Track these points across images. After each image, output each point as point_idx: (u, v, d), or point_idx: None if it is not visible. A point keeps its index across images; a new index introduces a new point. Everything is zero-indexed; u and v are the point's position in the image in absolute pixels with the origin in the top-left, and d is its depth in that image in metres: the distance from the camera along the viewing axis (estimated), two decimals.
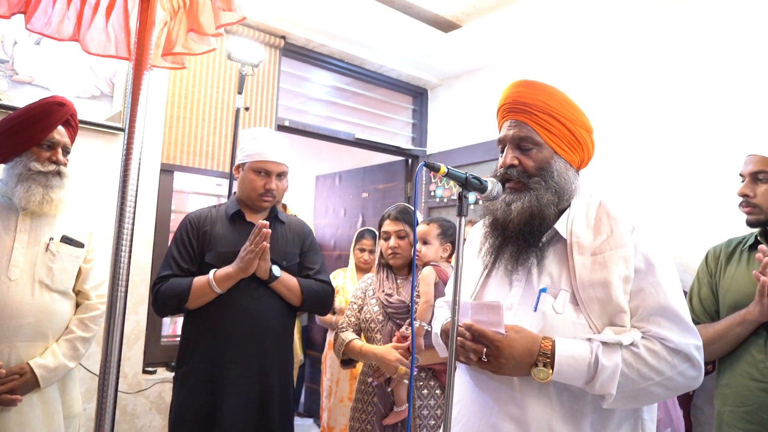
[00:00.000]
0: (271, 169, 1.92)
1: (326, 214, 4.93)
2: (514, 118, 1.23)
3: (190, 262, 1.88)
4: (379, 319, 1.97)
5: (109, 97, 2.57)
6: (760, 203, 1.57)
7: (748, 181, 1.61)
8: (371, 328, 1.98)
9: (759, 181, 1.58)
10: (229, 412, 1.76)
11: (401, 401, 1.86)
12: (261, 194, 1.92)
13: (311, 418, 4.62)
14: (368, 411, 1.94)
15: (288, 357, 1.96)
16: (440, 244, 2.01)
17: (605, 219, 1.17)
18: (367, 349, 1.92)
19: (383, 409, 1.89)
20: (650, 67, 2.79)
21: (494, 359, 1.08)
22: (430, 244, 1.99)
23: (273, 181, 1.92)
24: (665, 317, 1.07)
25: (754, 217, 1.60)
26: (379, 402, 1.90)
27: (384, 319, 1.96)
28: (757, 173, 1.58)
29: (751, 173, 1.60)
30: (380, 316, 1.97)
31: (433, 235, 2.00)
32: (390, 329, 1.94)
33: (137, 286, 2.61)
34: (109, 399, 1.01)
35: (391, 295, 1.97)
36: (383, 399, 1.90)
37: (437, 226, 2.02)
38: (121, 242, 1.04)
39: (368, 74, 3.79)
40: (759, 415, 1.45)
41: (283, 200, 2.89)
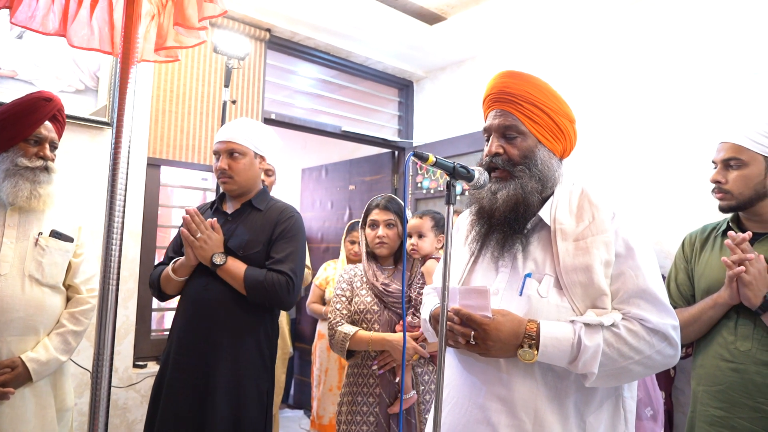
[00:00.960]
0: (218, 149, 1.92)
1: (313, 207, 4.94)
2: (499, 108, 1.26)
3: (176, 252, 1.98)
4: (374, 309, 1.93)
5: (94, 91, 2.55)
6: (731, 189, 1.61)
7: (720, 167, 1.65)
8: (367, 319, 1.93)
9: (730, 167, 1.62)
10: (165, 401, 1.77)
11: (408, 388, 1.87)
12: (218, 177, 1.94)
13: (301, 409, 4.66)
14: (369, 402, 1.89)
15: (246, 348, 1.83)
16: (435, 236, 2.05)
17: (587, 206, 1.21)
18: (378, 337, 1.86)
19: (388, 399, 1.88)
20: (629, 58, 2.85)
21: (482, 342, 1.12)
22: (425, 236, 2.02)
23: (224, 161, 1.90)
24: (644, 299, 1.11)
25: (725, 203, 1.64)
26: (383, 392, 1.88)
27: (380, 309, 1.93)
28: (729, 160, 1.62)
29: (722, 160, 1.64)
30: (375, 306, 1.94)
31: (428, 228, 2.03)
32: (388, 318, 1.92)
33: (126, 281, 2.61)
34: (103, 392, 1.03)
35: (388, 284, 1.94)
36: (387, 388, 1.88)
37: (430, 219, 2.06)
38: (111, 236, 1.06)
39: (354, 67, 3.80)
40: (729, 394, 1.51)
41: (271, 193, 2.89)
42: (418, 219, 2.05)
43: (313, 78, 3.81)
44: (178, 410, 1.75)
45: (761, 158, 1.57)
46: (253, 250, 1.86)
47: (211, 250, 1.81)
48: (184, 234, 1.80)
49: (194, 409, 1.75)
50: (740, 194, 1.60)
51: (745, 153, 1.59)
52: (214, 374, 1.76)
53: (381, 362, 1.89)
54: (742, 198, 1.60)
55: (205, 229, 1.82)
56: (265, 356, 1.89)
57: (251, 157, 1.94)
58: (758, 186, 1.58)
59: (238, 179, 1.91)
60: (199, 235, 1.81)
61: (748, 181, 1.58)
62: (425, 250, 2.01)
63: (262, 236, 1.89)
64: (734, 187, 1.61)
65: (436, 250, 2.04)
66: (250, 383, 1.82)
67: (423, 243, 2.01)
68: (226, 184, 1.92)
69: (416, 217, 2.07)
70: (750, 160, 1.58)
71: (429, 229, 2.03)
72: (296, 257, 1.88)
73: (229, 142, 1.90)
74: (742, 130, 1.61)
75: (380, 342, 1.86)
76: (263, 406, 1.87)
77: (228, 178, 1.90)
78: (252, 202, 1.96)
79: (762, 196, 1.58)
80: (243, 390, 1.80)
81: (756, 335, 1.49)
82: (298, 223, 1.95)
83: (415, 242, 2.00)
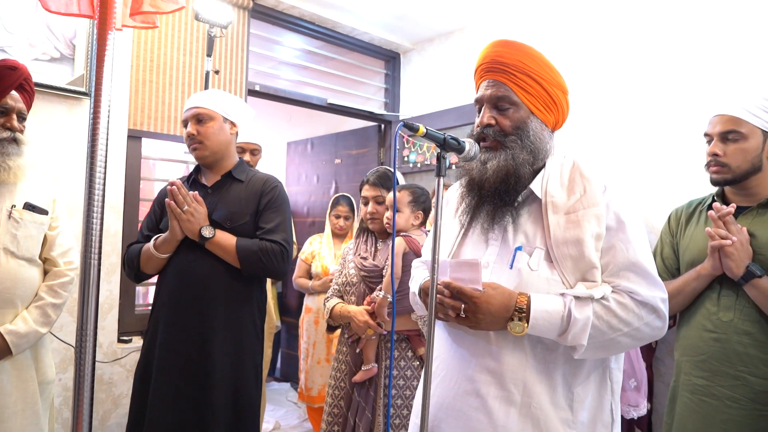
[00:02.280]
0: (186, 117, 1.89)
1: (299, 181, 4.89)
2: (491, 78, 1.23)
3: (152, 229, 1.93)
4: (353, 282, 2.03)
5: (70, 59, 2.46)
6: (729, 162, 1.58)
7: (716, 140, 1.62)
8: (347, 291, 2.05)
9: (729, 140, 1.59)
10: (158, 378, 1.74)
11: (368, 360, 1.92)
12: (189, 146, 1.89)
13: (288, 382, 4.70)
14: (342, 369, 2.01)
15: (241, 321, 1.83)
16: (411, 211, 1.99)
17: (579, 179, 1.20)
18: (341, 309, 1.99)
19: (354, 368, 1.94)
20: (619, 33, 2.82)
21: (472, 315, 1.11)
22: (401, 211, 1.97)
23: (192, 126, 1.85)
24: (634, 272, 1.12)
25: (720, 176, 1.61)
26: (350, 360, 1.97)
27: (358, 281, 2.01)
28: (727, 133, 1.59)
29: (720, 133, 1.61)
30: (355, 278, 2.03)
31: (404, 203, 1.98)
32: (362, 291, 1.99)
33: (108, 255, 2.56)
34: (87, 367, 1.01)
35: (366, 258, 2.01)
36: (354, 358, 1.97)
37: (408, 193, 2.00)
38: (92, 210, 1.02)
39: (340, 38, 3.72)
40: (711, 363, 1.55)
41: (257, 167, 2.84)
42: (397, 193, 2.00)
43: (298, 49, 3.73)
44: (173, 388, 1.73)
45: (759, 132, 1.56)
46: (240, 221, 1.85)
47: (198, 224, 1.77)
48: (171, 207, 1.75)
49: (192, 385, 1.73)
50: (737, 168, 1.58)
51: (745, 126, 1.56)
52: (211, 350, 1.75)
53: (349, 332, 1.98)
54: (739, 171, 1.58)
55: (191, 201, 1.78)
56: (257, 328, 1.90)
57: (220, 122, 1.89)
58: (755, 160, 1.57)
59: (208, 144, 1.86)
60: (186, 207, 1.76)
61: (746, 154, 1.56)
62: (399, 225, 1.96)
63: (248, 207, 1.87)
64: (732, 161, 1.58)
65: (412, 227, 2.01)
66: (247, 357, 1.83)
67: (398, 218, 1.96)
68: (197, 150, 1.87)
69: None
70: (749, 133, 1.56)
71: (405, 204, 1.98)
72: (286, 226, 1.89)
73: (196, 108, 1.87)
74: (740, 103, 1.58)
75: (344, 313, 1.97)
76: (259, 379, 1.90)
77: (198, 143, 1.86)
78: (232, 174, 1.93)
79: (757, 170, 1.58)
80: (241, 363, 1.81)
81: (738, 306, 1.52)
82: (283, 193, 1.96)
83: (390, 216, 1.97)
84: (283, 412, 4.01)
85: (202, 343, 1.75)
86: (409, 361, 1.91)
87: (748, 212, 1.59)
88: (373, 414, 1.86)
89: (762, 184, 1.59)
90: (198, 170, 2.00)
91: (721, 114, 1.62)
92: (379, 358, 1.93)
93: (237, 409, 1.78)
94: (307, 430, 3.64)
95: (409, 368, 1.90)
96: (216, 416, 1.72)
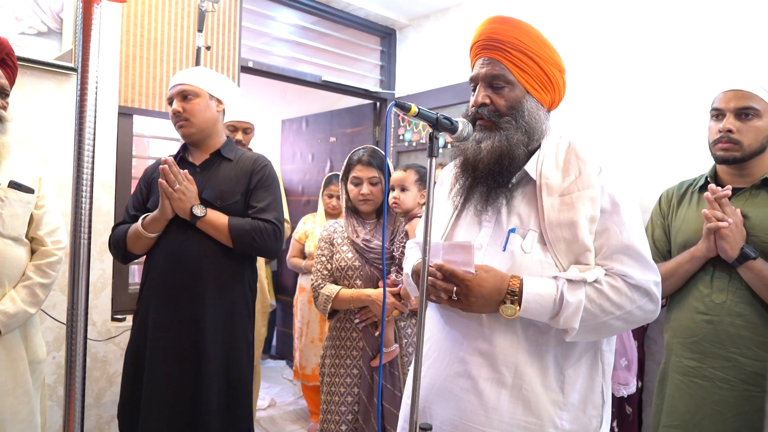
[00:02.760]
0: (171, 94, 1.86)
1: (293, 159, 4.85)
2: (487, 56, 1.20)
3: (138, 209, 1.90)
4: (356, 265, 1.93)
5: (58, 34, 2.40)
6: (742, 140, 1.53)
7: (730, 116, 1.55)
8: (348, 275, 1.93)
9: (745, 117, 1.53)
10: (152, 359, 1.74)
11: (390, 342, 1.89)
12: (175, 123, 1.86)
13: (283, 360, 4.73)
14: (353, 356, 1.91)
15: (233, 300, 1.83)
16: (418, 190, 1.99)
17: (574, 160, 1.18)
18: (359, 294, 1.87)
19: (371, 352, 1.89)
20: (616, 13, 2.77)
21: (464, 298, 1.11)
22: (408, 190, 1.97)
23: (177, 104, 1.83)
24: (628, 255, 1.11)
25: (730, 153, 1.55)
26: (366, 345, 1.90)
27: (361, 264, 1.93)
28: (744, 109, 1.52)
29: (736, 109, 1.54)
30: (356, 262, 1.93)
31: (411, 182, 1.98)
32: (369, 273, 1.92)
33: (101, 234, 2.54)
34: (79, 348, 1.00)
35: (369, 240, 1.93)
36: (370, 341, 1.90)
37: (414, 172, 2.00)
38: (80, 188, 1.00)
39: (335, 13, 3.65)
40: (702, 345, 1.55)
41: (249, 145, 2.81)
42: (402, 172, 2.01)
43: (292, 25, 3.65)
44: (168, 369, 1.73)
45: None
46: (231, 200, 1.84)
47: (189, 202, 1.75)
48: (163, 185, 1.73)
49: (186, 365, 1.74)
50: (749, 146, 1.53)
51: (760, 103, 1.52)
52: (203, 329, 1.75)
53: (362, 317, 1.90)
54: (749, 150, 1.54)
55: (182, 180, 1.75)
56: (249, 306, 1.91)
57: (206, 99, 1.86)
58: (764, 140, 1.54)
59: (194, 121, 1.84)
60: (177, 186, 1.74)
61: (758, 133, 1.53)
62: (407, 204, 1.97)
63: (239, 186, 1.86)
64: (746, 138, 1.53)
65: (419, 206, 2.00)
66: (239, 335, 1.84)
67: (405, 197, 1.97)
68: (183, 127, 1.85)
69: (400, 170, 2.02)
70: (764, 110, 1.52)
71: (413, 183, 1.99)
72: (278, 205, 1.89)
73: (181, 84, 1.84)
74: (757, 80, 1.53)
75: (360, 299, 1.87)
76: (251, 357, 1.90)
77: (184, 120, 1.83)
78: (221, 152, 1.91)
79: (761, 151, 1.55)
80: (233, 343, 1.82)
81: (731, 287, 1.52)
82: (273, 172, 1.95)
83: (397, 195, 1.97)
84: (279, 389, 4.05)
85: (194, 322, 1.75)
86: (415, 329, 1.92)
87: (741, 193, 1.57)
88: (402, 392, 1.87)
89: (759, 165, 1.57)
90: (185, 148, 1.96)
91: (736, 89, 1.55)
92: (397, 338, 1.92)
93: (230, 386, 1.80)
94: (302, 407, 3.68)
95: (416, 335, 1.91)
96: (209, 394, 1.73)
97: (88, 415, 2.53)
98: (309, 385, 3.17)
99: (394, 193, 1.97)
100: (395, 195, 1.96)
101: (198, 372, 1.74)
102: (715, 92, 1.65)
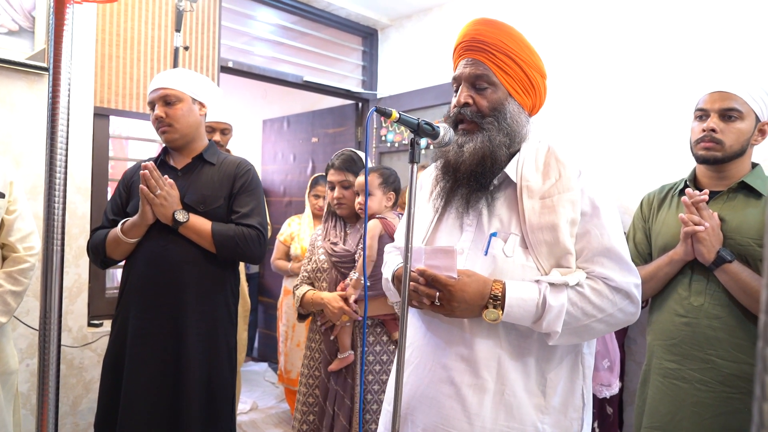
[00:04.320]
0: (152, 98, 1.82)
1: (275, 159, 4.81)
2: (471, 57, 1.20)
3: (117, 213, 1.86)
4: (324, 268, 1.97)
5: (30, 32, 2.34)
6: (724, 140, 1.55)
7: (714, 117, 1.57)
8: (318, 277, 1.99)
9: (728, 118, 1.55)
10: (131, 366, 1.70)
11: (344, 348, 1.88)
12: (157, 128, 1.83)
13: (266, 362, 4.69)
14: (316, 358, 1.95)
15: (215, 306, 1.81)
16: (383, 193, 1.97)
17: (554, 163, 1.18)
18: (317, 296, 1.91)
19: (329, 356, 1.90)
20: (597, 16, 2.79)
21: (447, 303, 1.10)
22: (373, 194, 1.96)
23: (160, 109, 1.79)
24: (608, 258, 1.11)
25: (711, 153, 1.57)
26: (325, 349, 1.91)
27: (329, 267, 1.96)
28: (729, 110, 1.54)
29: (720, 109, 1.56)
30: (325, 264, 1.97)
31: (375, 185, 1.96)
32: (334, 277, 1.94)
33: (76, 238, 2.48)
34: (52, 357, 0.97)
35: (336, 244, 1.96)
36: (328, 346, 1.91)
37: (378, 175, 1.98)
38: (53, 192, 0.96)
39: (316, 13, 3.62)
40: (682, 347, 1.57)
41: (228, 146, 2.77)
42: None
43: (272, 24, 3.61)
44: (148, 376, 1.70)
45: (754, 116, 1.55)
46: (214, 205, 1.81)
47: (171, 208, 1.72)
48: (144, 191, 1.69)
49: (166, 372, 1.71)
50: (730, 147, 1.55)
51: (744, 106, 1.55)
52: (185, 336, 1.72)
53: (323, 319, 1.92)
54: (730, 151, 1.56)
55: (163, 185, 1.72)
56: (231, 312, 1.88)
57: (189, 103, 1.83)
58: (745, 143, 1.55)
59: (178, 126, 1.81)
60: (159, 191, 1.70)
61: (740, 135, 1.55)
62: (371, 208, 1.95)
63: (222, 191, 1.83)
64: (728, 139, 1.55)
65: (385, 209, 1.99)
66: (221, 341, 1.81)
67: (371, 201, 1.95)
68: (167, 133, 1.81)
69: (362, 173, 2.00)
70: (747, 114, 1.54)
71: (376, 186, 1.96)
72: (261, 210, 1.87)
73: (163, 89, 1.80)
74: (742, 83, 1.56)
75: (316, 301, 1.90)
76: (233, 363, 1.87)
77: (167, 126, 1.80)
78: (203, 156, 1.88)
79: (741, 154, 1.57)
80: (215, 349, 1.79)
81: (708, 290, 1.54)
82: (256, 176, 1.93)
83: (362, 200, 1.95)
84: (260, 392, 4.00)
85: (175, 329, 1.72)
86: (385, 346, 1.90)
87: (719, 197, 1.59)
88: (352, 401, 1.84)
89: (737, 169, 1.59)
90: (166, 152, 1.93)
91: (722, 90, 1.57)
92: (354, 345, 1.91)
93: (211, 394, 1.77)
94: (284, 410, 3.65)
95: (385, 353, 1.89)
96: (190, 401, 1.70)
97: (63, 423, 2.47)
98: (293, 390, 3.14)
99: (359, 198, 1.95)
100: (360, 200, 1.94)
101: (179, 379, 1.70)
102: (698, 95, 1.67)
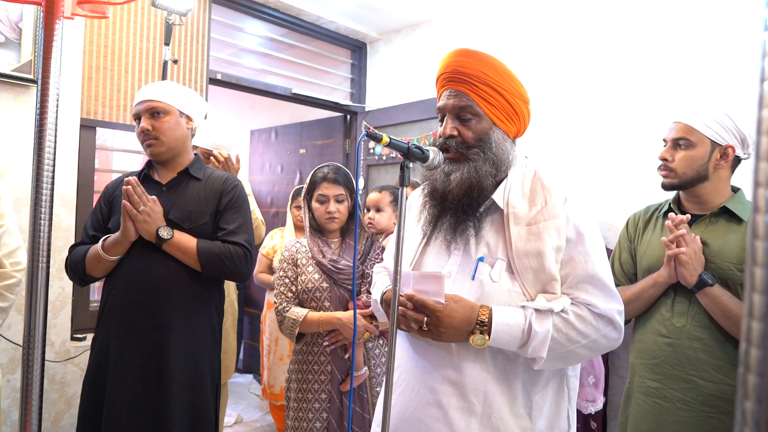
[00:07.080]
0: (138, 110, 1.77)
1: (262, 170, 4.80)
2: (453, 88, 1.22)
3: (98, 229, 1.80)
4: (323, 287, 1.87)
5: (16, 44, 2.32)
6: (675, 168, 1.64)
7: (669, 146, 1.68)
8: (316, 297, 1.87)
9: (679, 147, 1.65)
10: (112, 387, 1.66)
11: (360, 365, 1.86)
12: (142, 141, 1.78)
13: (250, 374, 4.65)
14: (321, 380, 1.86)
15: (199, 325, 1.76)
16: (393, 211, 2.01)
17: (540, 190, 1.21)
18: (328, 317, 1.82)
19: (340, 375, 1.86)
20: (580, 38, 2.85)
21: (434, 328, 1.11)
22: (383, 211, 2.00)
23: (146, 121, 1.75)
24: (592, 284, 1.13)
25: (668, 180, 1.67)
26: (335, 369, 1.86)
27: (329, 286, 1.88)
28: (678, 140, 1.65)
29: (672, 139, 1.67)
30: (324, 283, 1.88)
31: (386, 203, 2.01)
32: (339, 295, 1.87)
33: (61, 251, 2.45)
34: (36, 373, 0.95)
35: (337, 261, 1.88)
36: (339, 365, 1.86)
37: (389, 194, 2.03)
38: (39, 207, 0.95)
39: (305, 26, 3.64)
40: (664, 367, 1.60)
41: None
42: (378, 193, 2.03)
43: (261, 36, 3.62)
44: (129, 396, 1.66)
45: (708, 142, 1.61)
46: (200, 221, 1.76)
47: (155, 224, 1.67)
48: (126, 207, 1.64)
49: (149, 393, 1.66)
50: (683, 174, 1.63)
51: (695, 134, 1.61)
52: (168, 356, 1.68)
53: (332, 339, 1.86)
54: (684, 178, 1.64)
55: (146, 201, 1.67)
56: (215, 331, 1.84)
57: (176, 116, 1.79)
58: (701, 168, 1.62)
59: (164, 139, 1.76)
60: (142, 207, 1.66)
61: (692, 162, 1.62)
62: (382, 224, 1.99)
63: (208, 207, 1.79)
64: (679, 166, 1.64)
65: (394, 225, 2.02)
66: (204, 361, 1.77)
67: (380, 217, 1.99)
68: (153, 146, 1.76)
69: (375, 191, 2.05)
70: (698, 142, 1.61)
71: (387, 204, 2.01)
72: (248, 227, 1.83)
73: (150, 101, 1.76)
74: (696, 113, 1.62)
75: (330, 321, 1.83)
76: (215, 382, 1.84)
77: (153, 139, 1.75)
78: (189, 171, 1.83)
79: (703, 179, 1.62)
80: (199, 369, 1.75)
81: (690, 312, 1.57)
82: (243, 192, 1.89)
83: (372, 216, 1.98)
84: (245, 405, 3.97)
85: (158, 350, 1.68)
86: (383, 349, 1.90)
87: (701, 221, 1.63)
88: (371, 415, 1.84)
89: (712, 193, 1.64)
90: (150, 165, 1.88)
91: (678, 121, 1.67)
92: (366, 360, 1.89)
93: (194, 414, 1.73)
94: (268, 423, 3.62)
95: (384, 355, 1.88)
96: (171, 423, 1.67)
97: None
98: (276, 405, 3.12)
99: (370, 214, 1.98)
100: (370, 216, 1.98)
101: (161, 400, 1.67)
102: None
